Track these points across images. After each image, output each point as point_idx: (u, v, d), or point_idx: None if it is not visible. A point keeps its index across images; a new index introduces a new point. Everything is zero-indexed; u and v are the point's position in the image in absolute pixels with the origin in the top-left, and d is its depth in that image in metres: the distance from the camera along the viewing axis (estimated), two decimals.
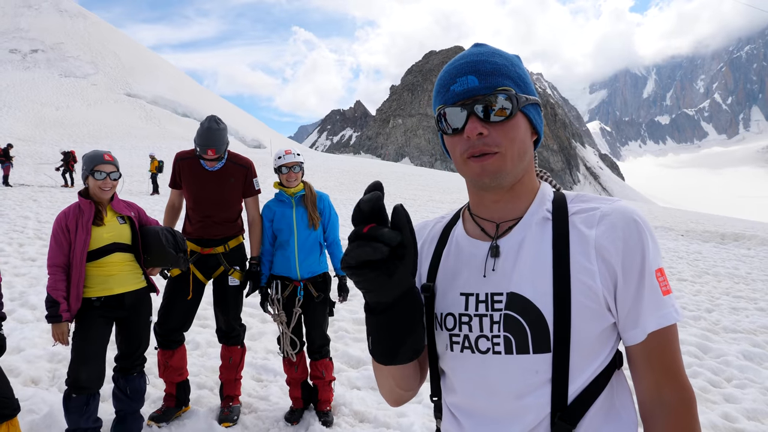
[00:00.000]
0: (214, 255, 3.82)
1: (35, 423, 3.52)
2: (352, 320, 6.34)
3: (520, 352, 1.00)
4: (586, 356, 0.99)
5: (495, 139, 1.00)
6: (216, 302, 3.90)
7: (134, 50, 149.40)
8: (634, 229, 0.99)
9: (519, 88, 1.04)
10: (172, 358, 3.74)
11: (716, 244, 16.92)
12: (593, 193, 1.15)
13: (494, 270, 1.06)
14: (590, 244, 0.99)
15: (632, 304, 0.98)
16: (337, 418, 3.91)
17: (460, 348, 1.07)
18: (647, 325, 0.98)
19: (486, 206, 1.12)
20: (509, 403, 1.01)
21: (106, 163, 3.24)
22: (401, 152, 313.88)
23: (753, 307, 8.23)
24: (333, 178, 35.93)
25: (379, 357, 1.03)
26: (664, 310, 0.98)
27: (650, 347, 0.99)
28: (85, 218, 3.17)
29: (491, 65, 1.02)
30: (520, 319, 1.00)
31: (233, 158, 3.89)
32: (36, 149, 41.88)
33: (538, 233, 1.04)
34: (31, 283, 7.07)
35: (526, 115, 1.05)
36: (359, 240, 0.86)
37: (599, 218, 1.01)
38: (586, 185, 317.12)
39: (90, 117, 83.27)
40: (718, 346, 6.00)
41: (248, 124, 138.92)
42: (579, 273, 0.98)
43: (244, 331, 4.01)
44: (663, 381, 1.00)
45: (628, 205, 1.04)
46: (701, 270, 11.64)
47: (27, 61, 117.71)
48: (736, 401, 4.56)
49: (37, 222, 11.75)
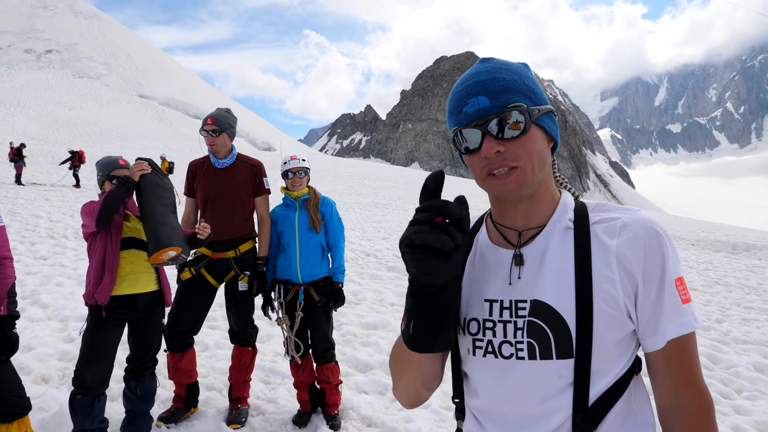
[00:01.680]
0: (225, 260, 3.83)
1: (45, 421, 3.55)
2: (360, 324, 6.34)
3: (544, 357, 1.03)
4: (606, 361, 1.02)
5: (513, 154, 1.03)
6: (228, 306, 3.93)
7: (147, 52, 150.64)
8: (654, 239, 1.02)
9: (530, 100, 1.05)
10: (181, 360, 3.76)
11: (727, 254, 16.77)
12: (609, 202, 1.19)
13: (519, 278, 1.09)
14: (612, 253, 1.02)
15: (652, 312, 1.01)
16: (345, 422, 3.91)
17: (483, 353, 1.10)
18: (667, 333, 1.01)
19: (508, 214, 1.14)
20: (533, 407, 1.05)
21: (121, 168, 3.32)
22: (411, 157, 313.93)
23: (764, 318, 8.15)
24: (342, 181, 35.98)
25: (418, 343, 1.02)
26: (684, 318, 1.01)
27: (669, 354, 1.02)
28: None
29: (500, 83, 1.04)
30: (543, 325, 1.03)
31: (243, 158, 3.95)
32: (49, 149, 42.27)
33: (561, 242, 1.07)
34: (43, 281, 7.14)
35: (540, 126, 1.07)
36: (430, 225, 0.88)
37: (620, 228, 1.04)
38: (596, 193, 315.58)
39: (102, 117, 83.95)
40: (729, 357, 5.95)
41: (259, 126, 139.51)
42: (600, 281, 1.02)
43: (256, 333, 4.04)
44: (681, 386, 1.02)
45: (649, 215, 1.06)
46: (712, 280, 11.55)
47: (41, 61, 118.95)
48: (747, 413, 4.51)
49: (49, 221, 11.86)
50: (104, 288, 3.13)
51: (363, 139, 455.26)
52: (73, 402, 3.12)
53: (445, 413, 4.09)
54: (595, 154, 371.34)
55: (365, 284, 8.55)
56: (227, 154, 3.84)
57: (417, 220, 0.90)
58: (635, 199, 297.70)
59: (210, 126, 3.73)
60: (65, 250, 9.17)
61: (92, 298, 3.14)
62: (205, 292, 3.83)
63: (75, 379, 3.13)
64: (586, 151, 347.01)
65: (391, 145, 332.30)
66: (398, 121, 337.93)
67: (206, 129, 3.75)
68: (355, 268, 9.66)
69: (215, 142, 3.75)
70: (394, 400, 4.38)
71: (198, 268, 3.78)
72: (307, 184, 3.95)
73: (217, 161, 3.83)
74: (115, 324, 3.24)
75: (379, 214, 20.40)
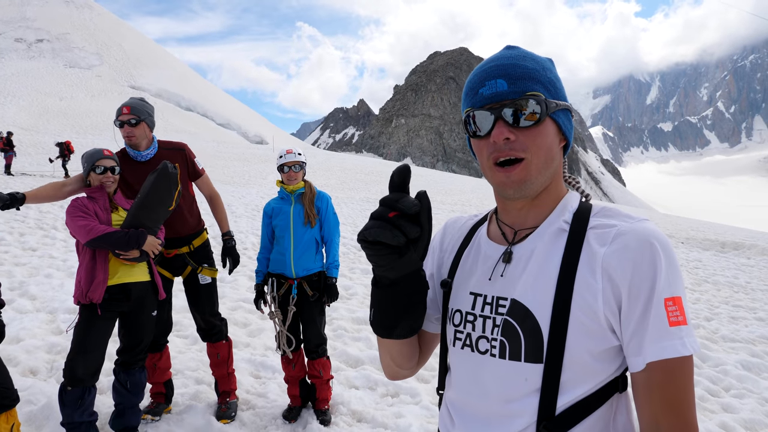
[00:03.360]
0: (180, 255, 3.73)
1: (33, 414, 3.51)
2: (351, 319, 6.34)
3: (513, 358, 1.01)
4: (580, 373, 0.98)
5: (522, 144, 1.00)
6: (190, 302, 3.82)
7: (139, 42, 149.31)
8: (647, 253, 0.94)
9: (549, 93, 1.02)
10: (160, 359, 3.75)
11: (716, 252, 16.90)
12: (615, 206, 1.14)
13: (503, 275, 1.07)
14: (597, 261, 0.96)
15: (635, 330, 0.94)
16: (335, 417, 3.91)
17: (461, 345, 1.11)
18: (647, 355, 0.93)
19: (509, 212, 1.13)
20: (498, 406, 1.03)
21: (106, 158, 3.26)
22: (403, 152, 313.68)
23: (752, 316, 8.23)
24: (334, 176, 35.91)
25: (378, 329, 1.11)
26: (669, 341, 0.91)
27: (651, 378, 0.93)
28: (101, 202, 3.22)
29: (522, 69, 1.01)
30: (516, 326, 1.01)
31: (165, 144, 3.67)
32: (39, 139, 41.86)
33: (550, 244, 1.04)
34: (31, 273, 7.07)
35: (555, 121, 1.04)
36: (383, 221, 0.92)
37: (614, 236, 0.98)
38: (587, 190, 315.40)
39: (94, 108, 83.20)
40: (717, 355, 6.00)
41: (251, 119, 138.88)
42: (582, 290, 0.96)
43: (225, 324, 3.95)
44: (662, 415, 0.93)
45: (651, 226, 0.98)
46: (701, 278, 11.64)
47: (32, 50, 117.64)
48: (734, 411, 4.55)
49: (38, 212, 11.74)
50: (98, 286, 3.10)
51: (356, 133, 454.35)
52: (62, 394, 3.09)
53: (436, 409, 4.10)
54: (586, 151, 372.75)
55: (357, 279, 8.55)
56: (149, 145, 3.55)
57: (373, 214, 0.93)
58: (626, 197, 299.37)
59: (126, 115, 3.41)
60: (54, 242, 9.09)
61: (86, 297, 3.10)
62: (166, 287, 3.72)
63: (66, 370, 3.09)
64: (577, 148, 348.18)
65: (384, 139, 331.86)
66: (391, 116, 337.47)
67: (122, 119, 3.42)
68: (347, 263, 9.65)
69: (134, 133, 3.44)
70: (384, 395, 4.38)
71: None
72: (303, 179, 3.94)
73: (138, 154, 3.52)
74: (108, 316, 3.21)
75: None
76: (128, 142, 3.49)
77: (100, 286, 3.10)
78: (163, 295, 3.50)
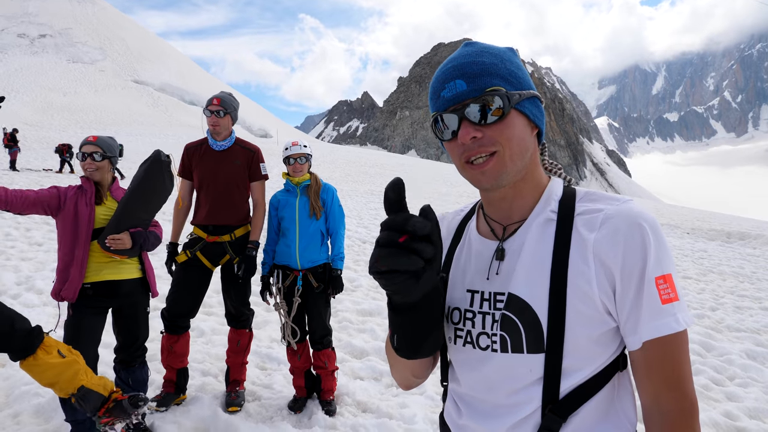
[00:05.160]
0: (221, 243, 3.84)
1: (41, 406, 3.55)
2: (356, 311, 6.36)
3: (515, 351, 1.02)
4: (581, 358, 0.99)
5: (491, 140, 1.00)
6: (224, 289, 3.94)
7: (142, 37, 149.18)
8: (636, 233, 0.95)
9: (510, 85, 1.02)
10: (177, 343, 3.77)
11: (722, 242, 16.85)
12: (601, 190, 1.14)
13: (498, 273, 1.08)
14: (589, 248, 0.97)
15: (630, 311, 0.96)
16: (340, 408, 3.93)
17: (462, 342, 1.11)
18: (643, 334, 0.95)
19: (493, 205, 1.12)
20: (504, 398, 1.05)
21: (87, 144, 3.22)
22: (408, 144, 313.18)
23: (757, 306, 8.22)
24: (339, 169, 35.91)
25: (404, 353, 1.05)
26: (663, 319, 0.94)
27: (649, 355, 0.96)
28: (88, 195, 3.18)
29: (479, 66, 1.01)
30: (516, 320, 1.02)
31: (241, 142, 3.95)
32: (44, 134, 42.00)
33: (540, 235, 1.04)
34: (38, 267, 7.11)
35: (522, 111, 1.03)
36: (394, 248, 0.85)
37: (602, 221, 0.98)
38: (593, 181, 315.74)
39: (97, 103, 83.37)
40: (722, 344, 5.99)
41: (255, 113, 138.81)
42: (576, 278, 0.97)
43: (252, 315, 4.06)
44: (662, 390, 0.97)
45: (636, 207, 1.00)
46: (706, 268, 11.61)
47: (35, 45, 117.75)
48: (739, 400, 4.56)
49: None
50: (71, 285, 3.05)
51: (360, 126, 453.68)
52: None
53: (440, 399, 4.12)
54: (592, 142, 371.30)
55: (361, 271, 8.56)
56: (227, 137, 3.84)
57: (380, 241, 0.87)
58: (631, 188, 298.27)
59: (215, 106, 3.74)
60: None
61: (59, 296, 3.05)
62: (201, 274, 3.84)
63: None
64: (583, 139, 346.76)
65: (388, 132, 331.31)
66: (395, 108, 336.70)
67: (211, 109, 3.75)
68: (352, 255, 9.67)
69: (219, 123, 3.76)
70: (389, 385, 4.41)
71: (194, 251, 3.79)
72: (308, 171, 3.95)
73: (215, 143, 3.82)
74: (95, 311, 3.18)
75: (376, 201, 20.37)
76: (212, 130, 3.80)
77: (74, 285, 3.06)
78: (156, 293, 3.49)
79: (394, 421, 3.74)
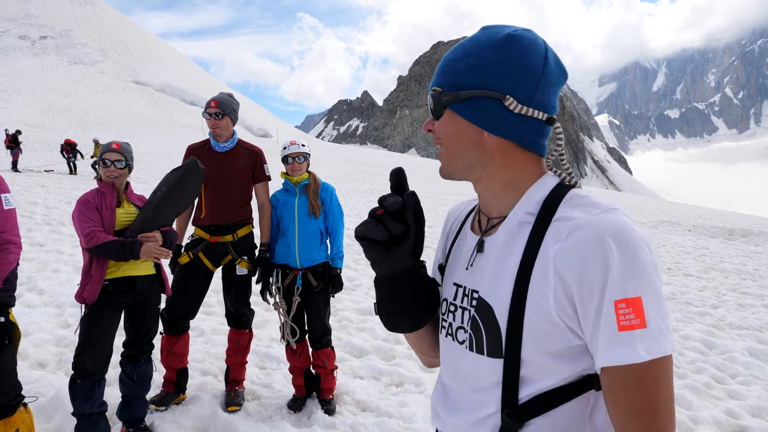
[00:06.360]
0: (223, 243, 3.85)
1: (42, 406, 3.56)
2: (356, 310, 6.36)
3: (479, 352, 1.02)
4: (540, 370, 0.95)
5: (436, 135, 1.07)
6: (225, 289, 3.95)
7: (142, 37, 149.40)
8: (599, 249, 0.85)
9: (453, 85, 1.00)
10: (176, 344, 3.78)
11: (724, 239, 16.82)
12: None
13: (472, 265, 1.08)
14: (549, 260, 0.90)
15: (591, 333, 0.88)
16: (340, 407, 3.93)
17: (446, 333, 1.13)
18: (599, 360, 0.87)
19: (480, 198, 1.13)
20: (469, 394, 1.06)
21: (111, 152, 3.33)
22: (408, 143, 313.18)
23: (760, 303, 8.19)
24: (339, 168, 35.92)
25: (385, 324, 1.18)
26: (618, 348, 0.84)
27: (612, 381, 0.87)
28: (109, 200, 3.27)
29: (444, 63, 1.04)
30: (479, 322, 1.02)
31: (243, 144, 3.97)
32: (45, 136, 42.05)
33: (512, 238, 0.99)
34: (39, 268, 7.13)
35: (456, 112, 1.02)
36: (371, 218, 1.00)
37: (569, 232, 0.89)
38: (594, 179, 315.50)
39: (98, 104, 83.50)
40: (724, 342, 5.98)
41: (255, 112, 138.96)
42: (535, 290, 0.92)
43: (252, 315, 4.06)
44: (627, 419, 0.86)
45: (612, 218, 0.88)
46: (708, 266, 11.58)
47: (36, 47, 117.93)
48: (741, 398, 4.55)
49: (45, 208, 11.82)
50: (92, 286, 3.14)
51: (360, 125, 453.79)
52: (73, 386, 3.13)
53: None
54: (592, 139, 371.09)
55: (361, 270, 8.56)
56: (228, 138, 3.86)
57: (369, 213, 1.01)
58: (632, 185, 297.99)
59: (213, 109, 3.76)
60: (62, 237, 9.15)
61: (80, 297, 3.14)
62: (203, 276, 3.84)
63: (75, 364, 3.12)
64: (583, 136, 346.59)
65: (388, 131, 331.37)
66: (395, 107, 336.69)
67: (209, 112, 3.76)
68: (352, 254, 9.67)
69: (218, 125, 3.77)
70: (388, 384, 4.40)
71: (196, 251, 3.80)
72: (307, 170, 3.94)
73: (217, 145, 3.84)
74: (113, 308, 3.25)
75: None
76: (213, 132, 3.84)
77: (95, 285, 3.14)
78: (169, 291, 3.55)
79: (394, 420, 3.73)
